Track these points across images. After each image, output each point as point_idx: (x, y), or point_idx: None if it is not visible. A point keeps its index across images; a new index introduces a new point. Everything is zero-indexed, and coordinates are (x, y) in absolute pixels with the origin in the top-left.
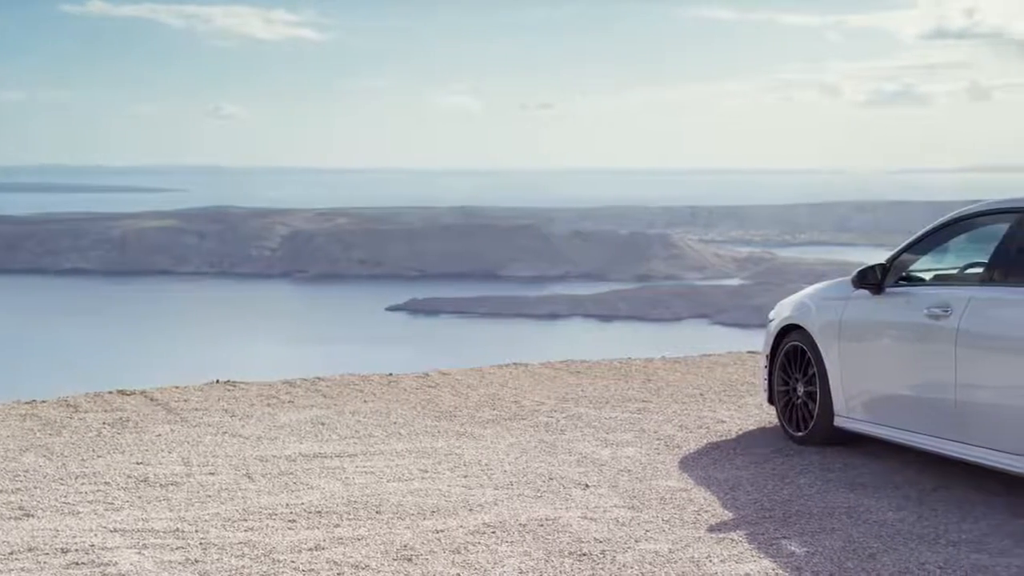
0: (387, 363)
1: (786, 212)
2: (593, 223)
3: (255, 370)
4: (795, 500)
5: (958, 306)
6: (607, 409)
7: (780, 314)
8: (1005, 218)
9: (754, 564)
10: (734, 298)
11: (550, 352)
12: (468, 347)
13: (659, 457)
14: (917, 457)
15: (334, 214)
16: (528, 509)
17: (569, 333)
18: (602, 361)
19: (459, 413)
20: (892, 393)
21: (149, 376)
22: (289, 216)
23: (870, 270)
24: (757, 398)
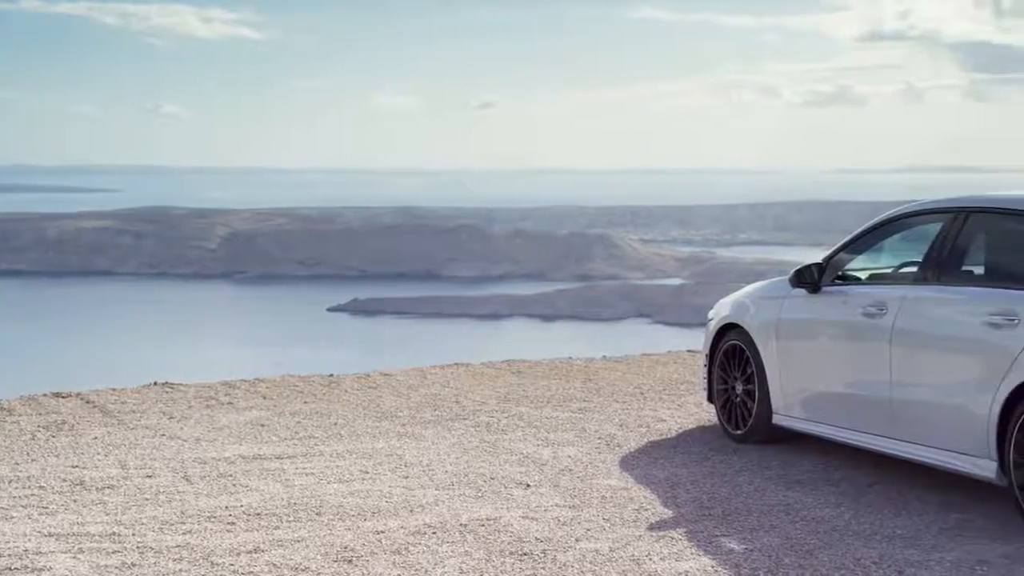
0: (328, 364)
1: (726, 212)
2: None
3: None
4: (734, 498)
5: (893, 305)
6: (548, 409)
7: (719, 313)
8: (937, 218)
9: (693, 562)
10: (675, 297)
11: (492, 352)
12: (410, 347)
13: (600, 456)
14: (854, 454)
15: (274, 214)
16: (469, 509)
17: (511, 333)
18: (543, 361)
19: (400, 414)
20: (829, 391)
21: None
22: (228, 216)
23: (807, 269)
24: (697, 397)
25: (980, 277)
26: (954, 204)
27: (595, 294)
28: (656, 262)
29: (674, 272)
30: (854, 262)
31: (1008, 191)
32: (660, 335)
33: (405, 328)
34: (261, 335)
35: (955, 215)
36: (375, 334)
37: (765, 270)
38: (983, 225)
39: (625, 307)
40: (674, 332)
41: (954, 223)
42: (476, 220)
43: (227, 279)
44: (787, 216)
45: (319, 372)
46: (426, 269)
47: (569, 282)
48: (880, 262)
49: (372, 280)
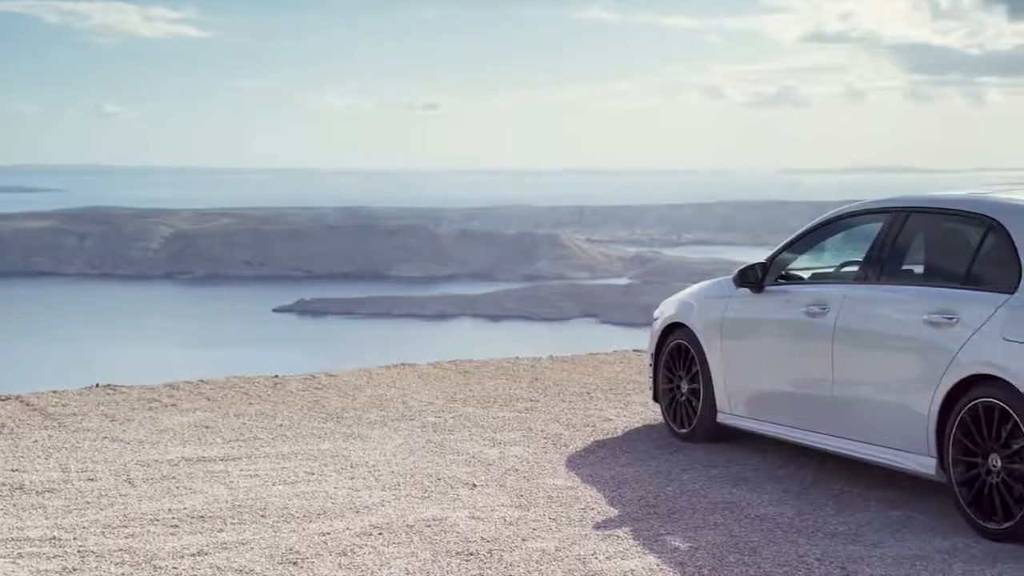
0: (274, 365)
1: (672, 212)
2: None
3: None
4: (679, 496)
5: (834, 304)
6: (495, 409)
7: (664, 313)
8: (878, 218)
9: (639, 560)
10: (621, 297)
11: (438, 352)
12: (356, 348)
13: (546, 456)
14: (797, 452)
15: (218, 214)
16: (415, 510)
17: (458, 333)
18: (490, 361)
19: (346, 414)
20: (772, 389)
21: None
22: (172, 216)
23: (750, 269)
24: (643, 396)
25: (920, 276)
26: (894, 204)
27: (542, 294)
28: (603, 262)
29: (621, 272)
30: (797, 261)
31: (946, 191)
32: (607, 335)
33: (351, 329)
34: (205, 336)
35: (895, 215)
36: (321, 335)
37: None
38: (922, 225)
39: (572, 307)
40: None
41: (894, 223)
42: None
43: (171, 280)
44: (732, 216)
45: (264, 373)
46: (373, 269)
47: (516, 282)
48: (822, 261)
49: (318, 280)
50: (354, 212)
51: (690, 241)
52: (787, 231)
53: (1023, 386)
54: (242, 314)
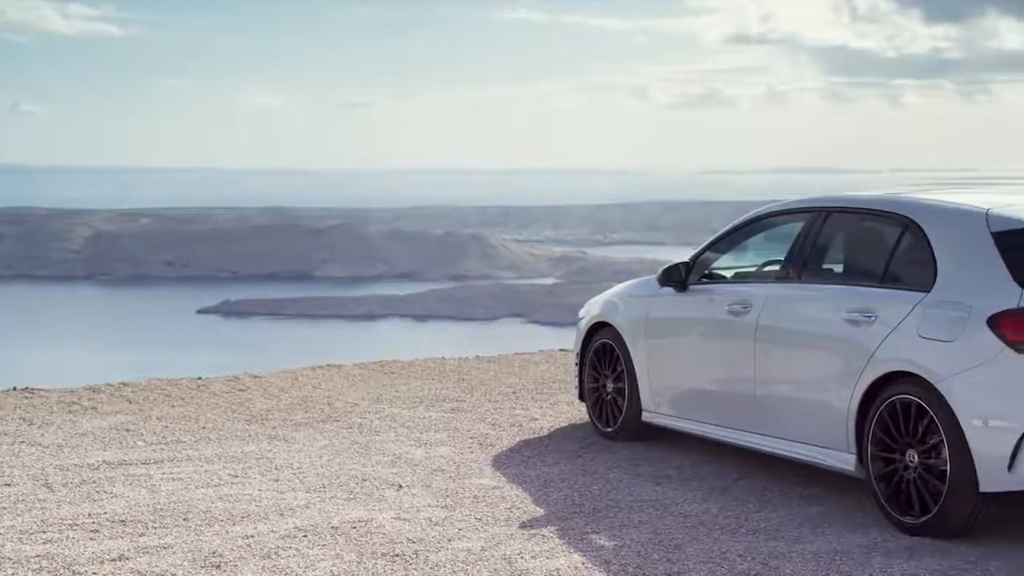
0: (197, 367)
1: (598, 212)
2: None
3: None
4: (605, 495)
5: (757, 303)
6: (421, 409)
7: (589, 312)
8: (799, 218)
9: (564, 559)
10: (548, 297)
11: (365, 353)
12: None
13: (472, 456)
14: (721, 450)
15: (139, 214)
16: (341, 511)
17: (384, 334)
18: (416, 361)
19: (271, 416)
20: (696, 388)
21: None
22: (91, 217)
23: (674, 268)
24: (569, 395)
25: (839, 275)
26: (814, 204)
27: (469, 294)
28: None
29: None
30: (720, 261)
31: (865, 191)
32: (534, 334)
33: (277, 330)
34: (127, 338)
35: (815, 215)
36: (246, 336)
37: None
38: (842, 224)
39: (499, 307)
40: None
41: (814, 223)
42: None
43: (91, 281)
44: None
45: (187, 375)
46: (298, 270)
47: (443, 282)
48: (745, 261)
49: (243, 281)
50: (279, 212)
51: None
52: (711, 231)
53: (938, 382)
54: (165, 315)
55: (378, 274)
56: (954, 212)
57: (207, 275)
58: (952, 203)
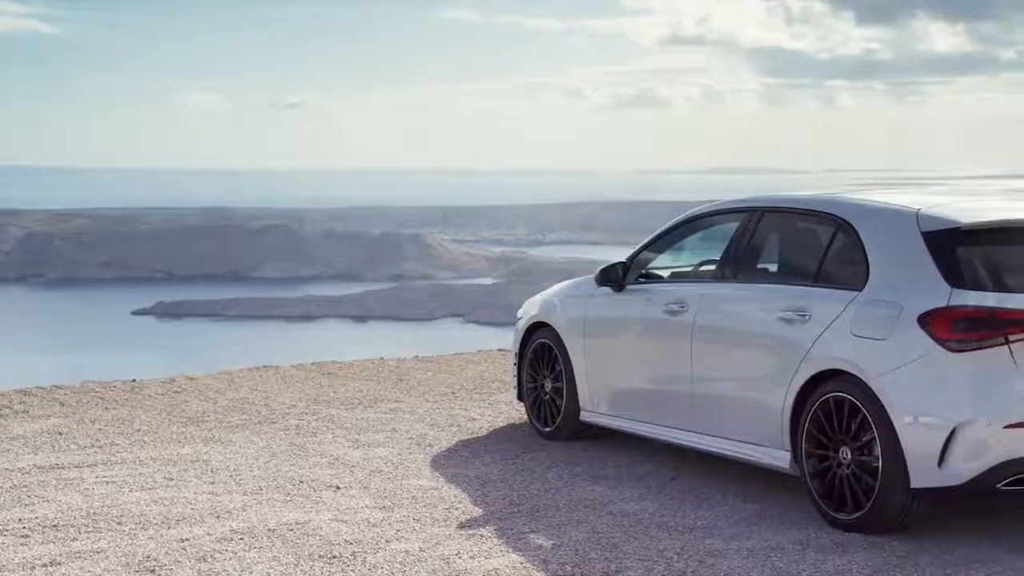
0: (132, 369)
1: (536, 212)
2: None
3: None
4: (543, 494)
5: (693, 302)
6: (359, 410)
7: (528, 312)
8: (734, 218)
9: (503, 559)
10: (487, 297)
11: (302, 354)
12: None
13: (411, 456)
14: (658, 448)
15: (72, 215)
16: (277, 514)
17: (322, 334)
18: (354, 362)
19: (207, 418)
20: (634, 387)
21: None
22: (23, 217)
23: (611, 268)
24: (508, 395)
25: (774, 274)
26: (749, 204)
27: (408, 294)
28: (468, 262)
29: (486, 272)
30: (657, 261)
31: (799, 191)
32: (472, 334)
33: (213, 331)
34: (60, 340)
35: (750, 215)
36: (181, 337)
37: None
38: (776, 224)
39: (438, 307)
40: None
41: (749, 222)
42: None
43: (23, 283)
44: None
45: (122, 377)
46: (235, 271)
47: (381, 282)
48: (681, 260)
49: (179, 282)
50: (216, 212)
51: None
52: (649, 231)
53: (871, 380)
54: (99, 317)
55: (316, 274)
56: (885, 212)
57: (142, 276)
58: (884, 203)
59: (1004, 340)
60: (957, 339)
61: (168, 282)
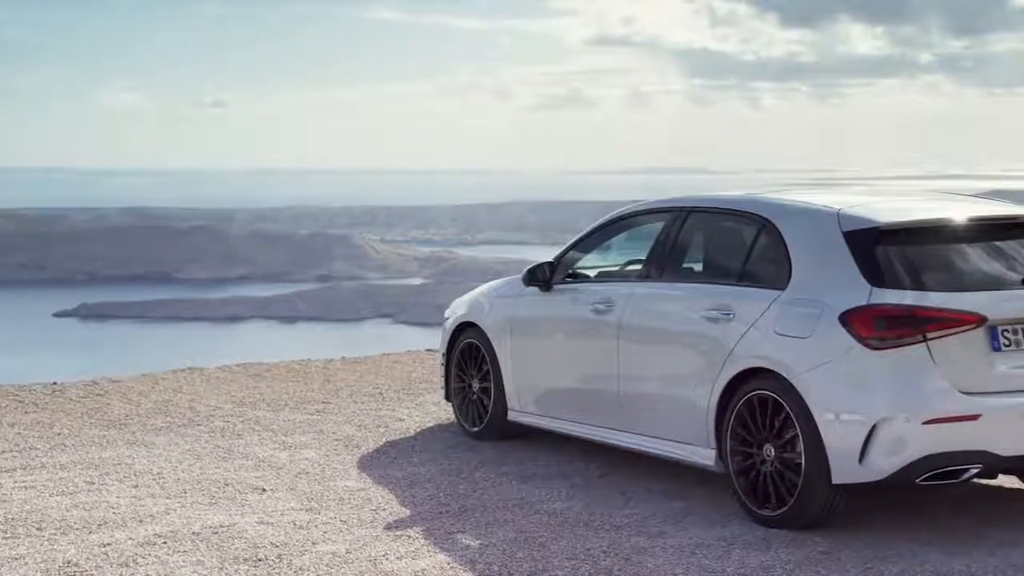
0: (53, 372)
1: (465, 212)
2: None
3: None
4: (471, 494)
5: (619, 302)
6: (286, 412)
7: (455, 312)
8: (660, 217)
9: (430, 559)
10: (416, 297)
11: (229, 355)
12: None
13: (338, 458)
14: (586, 447)
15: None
16: (202, 517)
17: (249, 336)
18: (281, 363)
19: (130, 421)
20: (561, 387)
21: None
22: None
23: (539, 268)
24: (435, 396)
25: (699, 274)
26: (674, 204)
27: (336, 295)
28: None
29: (415, 272)
30: (584, 260)
31: (724, 191)
32: (401, 335)
33: (137, 333)
34: None
35: (675, 214)
36: (105, 339)
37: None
38: (700, 224)
39: (366, 307)
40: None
41: (674, 222)
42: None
43: None
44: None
45: (42, 380)
46: (160, 271)
47: (310, 283)
48: (608, 260)
49: (103, 284)
50: (140, 213)
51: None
52: (576, 231)
53: (794, 378)
54: (19, 319)
55: (242, 275)
56: (807, 212)
57: (64, 278)
58: (806, 203)
59: (922, 338)
60: (877, 337)
61: (91, 283)
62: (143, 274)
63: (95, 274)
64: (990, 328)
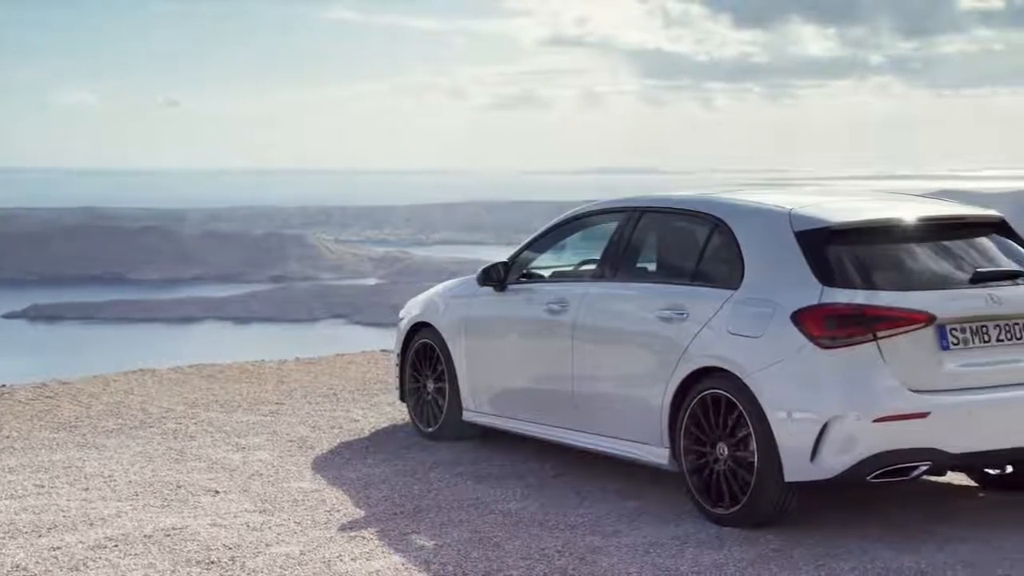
0: (2, 374)
1: (420, 212)
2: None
3: None
4: (425, 495)
5: (574, 302)
6: (239, 413)
7: (410, 312)
8: (613, 217)
9: (384, 560)
10: (371, 297)
11: (182, 357)
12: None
13: (292, 459)
14: (541, 447)
15: None
16: (154, 519)
17: (202, 337)
18: (234, 364)
19: (80, 424)
20: (516, 386)
21: None
22: None
23: (493, 268)
24: (390, 396)
25: (653, 273)
26: (628, 204)
27: (290, 295)
28: (351, 262)
29: (370, 272)
30: (538, 260)
31: (678, 191)
32: (356, 335)
33: (89, 334)
34: None
35: (629, 214)
36: (56, 341)
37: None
38: (654, 224)
39: (321, 308)
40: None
41: (628, 222)
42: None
43: None
44: (479, 216)
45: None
46: (113, 272)
47: (264, 283)
48: (563, 260)
49: (54, 284)
50: (92, 213)
51: (438, 241)
52: (531, 231)
53: (746, 377)
54: None
55: (196, 276)
56: (759, 212)
57: (14, 278)
58: (758, 203)
59: (872, 337)
60: (828, 336)
61: (42, 284)
62: (95, 275)
63: (46, 275)
64: (939, 327)
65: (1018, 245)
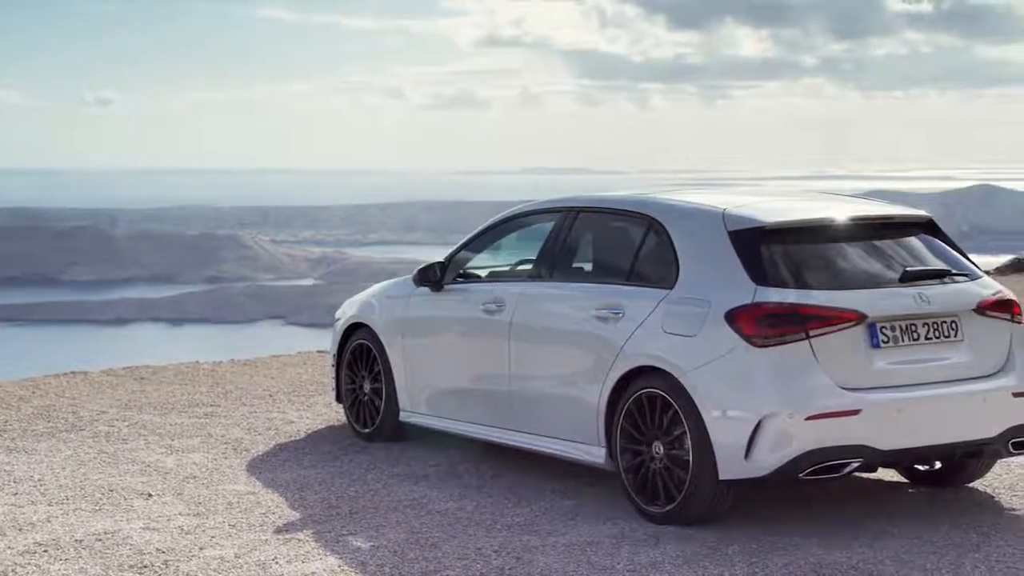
0: None
1: (357, 212)
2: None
3: None
4: (362, 496)
5: (510, 301)
6: (173, 415)
7: (346, 313)
8: (550, 217)
9: (320, 562)
10: (308, 298)
11: (115, 359)
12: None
13: (227, 461)
14: (478, 447)
15: None
16: (85, 524)
17: (136, 339)
18: (168, 366)
19: (9, 427)
20: (453, 387)
21: None
22: None
23: (430, 268)
24: (327, 397)
25: (589, 273)
26: (564, 204)
27: (225, 296)
28: (288, 263)
29: (306, 273)
30: (475, 260)
31: (614, 191)
32: (293, 336)
33: (18, 337)
34: None
35: (565, 214)
36: None
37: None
38: (590, 224)
39: (257, 309)
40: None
41: (564, 222)
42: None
43: None
44: (416, 216)
45: None
46: (42, 273)
47: (198, 284)
48: (500, 260)
49: None
50: (19, 213)
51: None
52: (468, 231)
53: (681, 376)
54: None
55: (129, 277)
56: (694, 212)
57: None
58: (692, 203)
59: (805, 335)
60: (761, 335)
61: None
62: (24, 276)
63: None
64: (869, 325)
65: (946, 244)
